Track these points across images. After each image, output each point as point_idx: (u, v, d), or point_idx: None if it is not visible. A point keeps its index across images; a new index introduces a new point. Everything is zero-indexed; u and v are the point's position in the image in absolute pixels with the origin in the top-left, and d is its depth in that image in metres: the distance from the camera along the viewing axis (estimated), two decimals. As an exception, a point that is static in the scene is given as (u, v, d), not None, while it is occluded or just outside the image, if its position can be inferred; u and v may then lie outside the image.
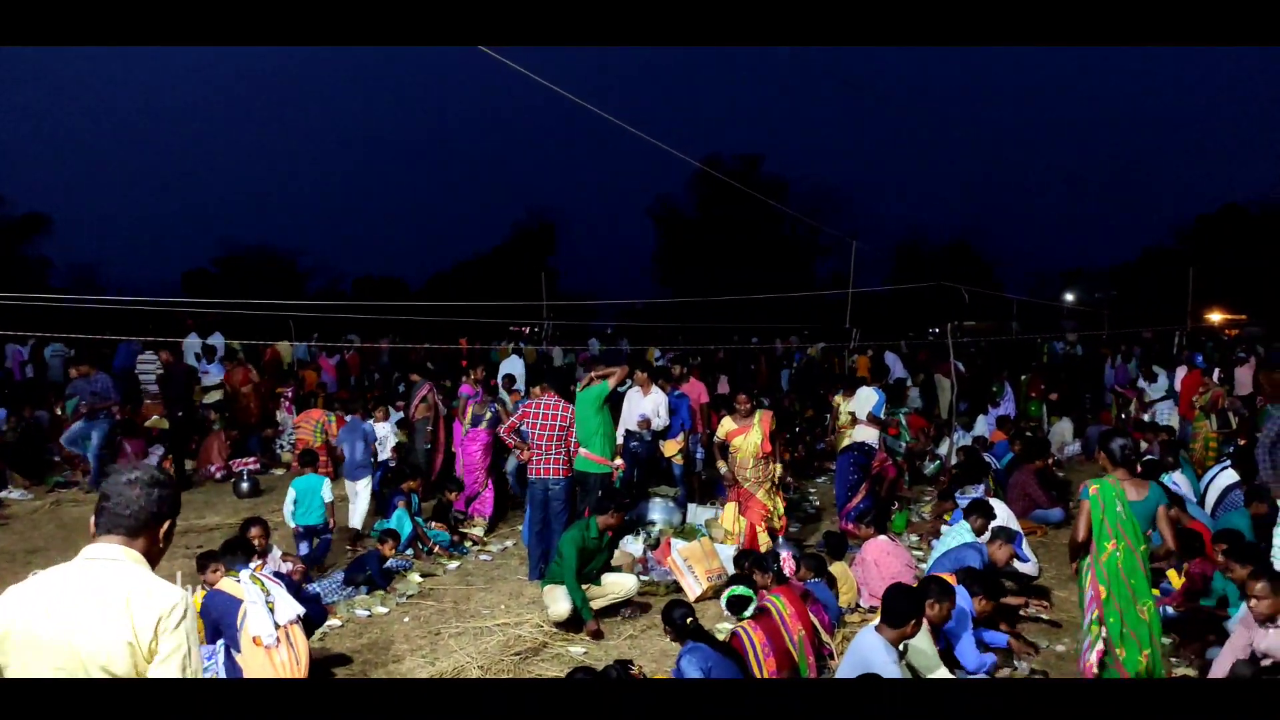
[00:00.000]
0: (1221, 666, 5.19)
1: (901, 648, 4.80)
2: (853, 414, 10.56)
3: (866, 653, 4.63)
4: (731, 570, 7.13)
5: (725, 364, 19.44)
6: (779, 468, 7.97)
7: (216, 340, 14.81)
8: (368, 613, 6.88)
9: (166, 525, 2.54)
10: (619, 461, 8.15)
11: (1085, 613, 5.10)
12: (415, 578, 7.69)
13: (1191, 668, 5.82)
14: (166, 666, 2.33)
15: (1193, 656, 5.97)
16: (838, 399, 11.36)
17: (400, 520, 8.30)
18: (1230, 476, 8.71)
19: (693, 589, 7.16)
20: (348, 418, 9.71)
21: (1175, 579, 6.92)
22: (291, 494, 8.06)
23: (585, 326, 26.63)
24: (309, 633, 5.38)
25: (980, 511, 7.19)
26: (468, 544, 8.81)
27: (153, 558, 2.50)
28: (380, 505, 9.14)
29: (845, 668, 4.73)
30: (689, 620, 5.11)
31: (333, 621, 6.60)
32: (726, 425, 8.01)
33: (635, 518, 8.88)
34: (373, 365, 19.49)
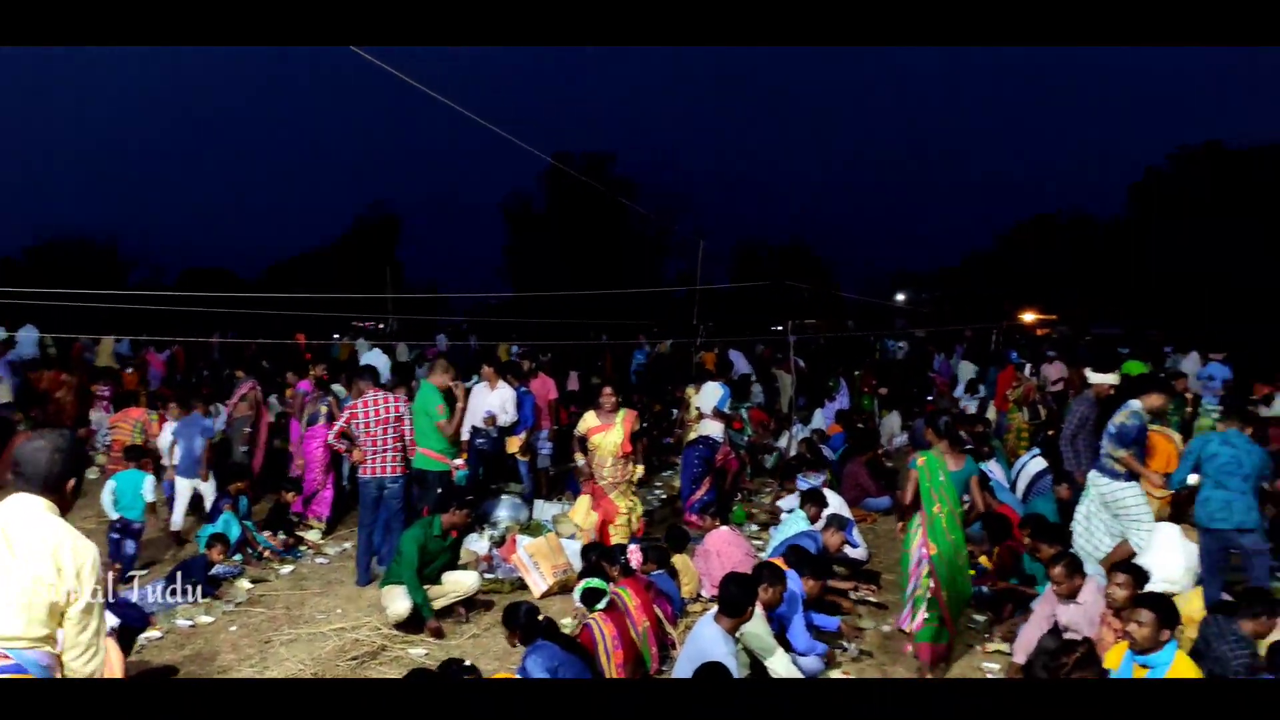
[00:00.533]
0: (1027, 639, 5.61)
1: (738, 634, 4.92)
2: (700, 408, 10.78)
3: (705, 643, 4.72)
4: (578, 565, 7.13)
5: (576, 360, 19.44)
6: (640, 469, 7.83)
7: (28, 334, 13.56)
8: (190, 622, 6.47)
9: (72, 482, 3.04)
10: (459, 461, 7.82)
11: (912, 571, 5.81)
12: (244, 584, 7.29)
13: (1005, 642, 6.24)
14: (86, 610, 2.86)
15: (1005, 631, 6.40)
16: (689, 391, 11.57)
17: (227, 524, 7.85)
18: (1039, 464, 9.40)
19: (538, 585, 7.12)
20: (189, 413, 9.15)
21: (986, 561, 7.41)
22: (111, 485, 7.51)
23: (432, 321, 26.02)
24: (125, 645, 5.00)
25: (814, 500, 7.51)
26: (302, 547, 8.44)
27: (64, 508, 3.00)
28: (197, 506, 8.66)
29: (684, 658, 4.81)
30: (538, 617, 5.06)
31: (152, 633, 6.16)
32: (588, 421, 7.75)
33: (480, 515, 8.75)
34: (202, 361, 18.39)
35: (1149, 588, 6.45)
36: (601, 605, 5.52)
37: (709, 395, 10.39)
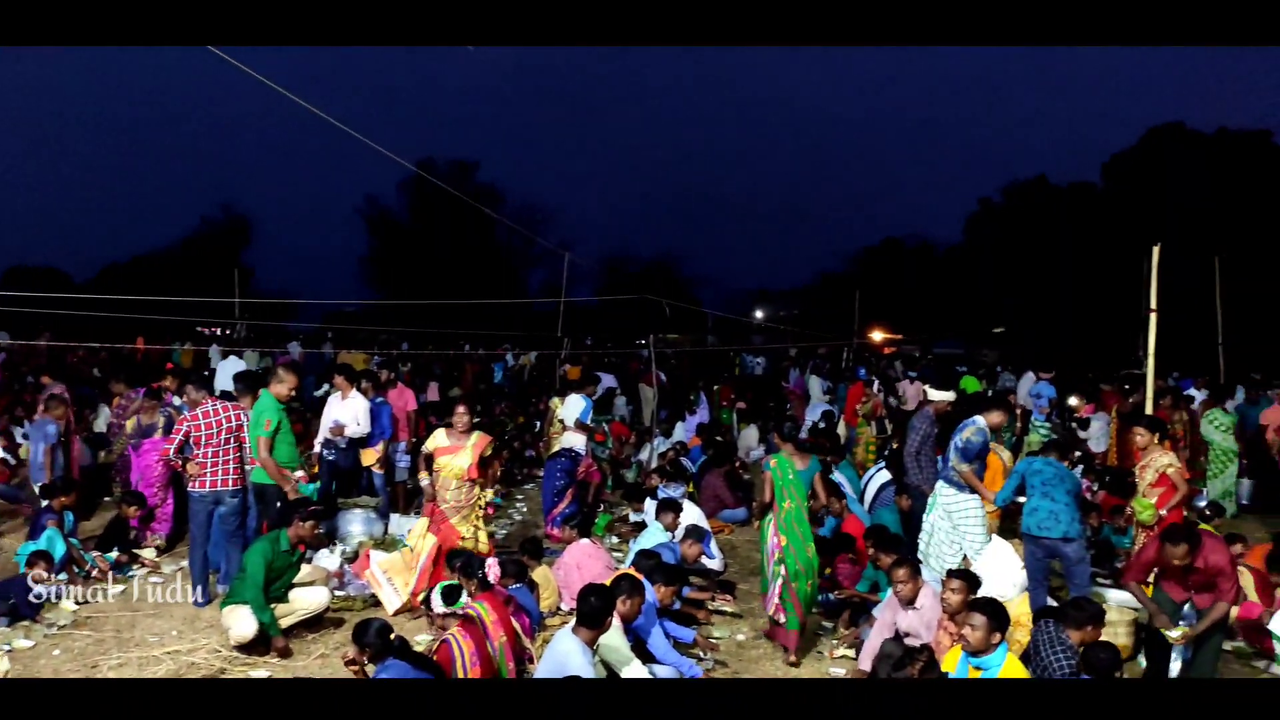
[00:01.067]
0: (871, 645, 5.88)
1: (595, 646, 4.92)
2: (563, 420, 10.76)
3: (563, 657, 4.70)
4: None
5: (436, 370, 19.05)
6: (489, 494, 7.49)
7: None
8: (8, 647, 5.95)
9: None
10: (299, 474, 7.21)
11: (768, 559, 6.47)
12: (69, 605, 6.76)
13: (850, 648, 6.49)
14: None
15: (850, 637, 6.66)
16: (555, 402, 11.53)
17: (51, 541, 7.26)
18: (884, 476, 9.86)
19: (392, 602, 6.92)
20: (35, 418, 8.49)
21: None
22: None
23: (283, 328, 24.98)
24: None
25: (670, 509, 7.62)
26: (136, 566, 7.90)
27: None
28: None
29: (542, 671, 4.78)
30: (390, 635, 4.91)
31: (-43, 662, 5.63)
32: (437, 439, 7.39)
33: (332, 529, 8.43)
34: (25, 368, 16.96)
35: (992, 590, 6.93)
36: (462, 600, 5.41)
37: (572, 407, 10.40)
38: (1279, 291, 29.23)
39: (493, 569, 6.27)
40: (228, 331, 22.91)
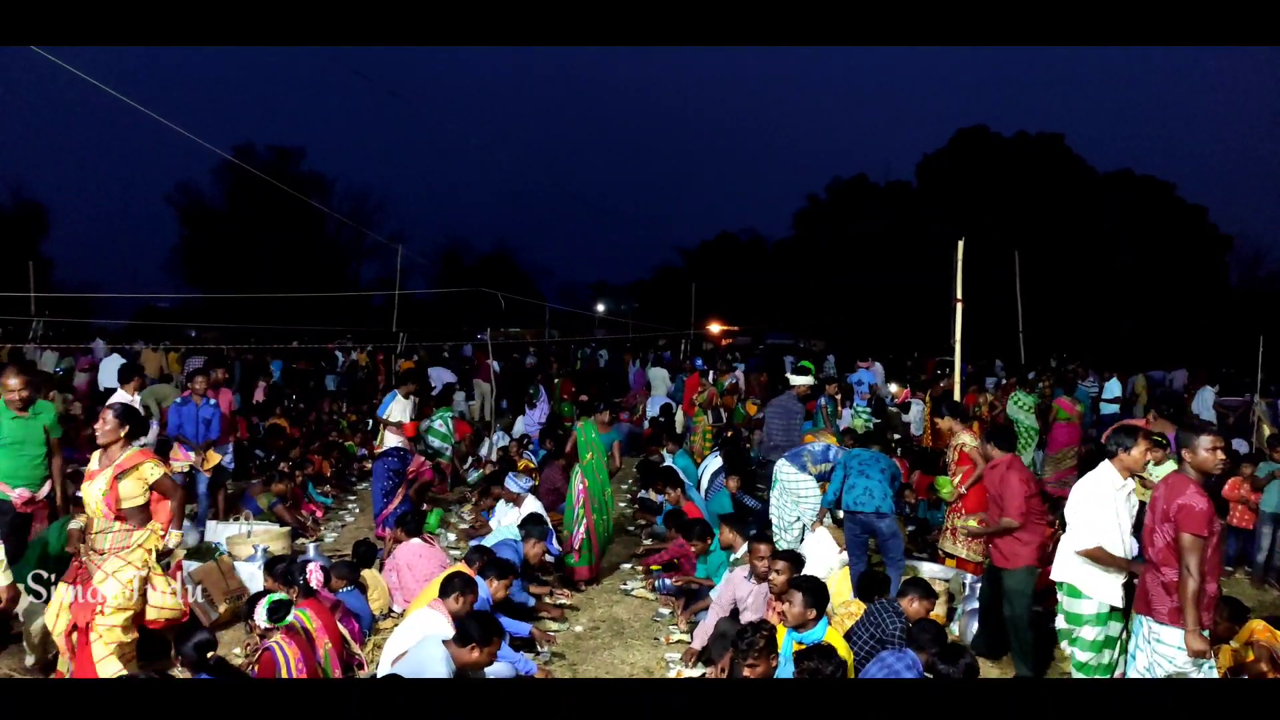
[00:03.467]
0: (707, 625, 6.03)
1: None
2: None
3: (423, 663, 4.53)
4: (256, 588, 6.60)
5: (264, 369, 18.09)
6: (167, 538, 5.29)
7: None
8: None
9: None
10: (19, 492, 5.99)
11: (573, 505, 7.72)
12: None
13: (685, 632, 6.62)
14: None
15: (684, 622, 6.81)
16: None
17: None
18: (719, 463, 10.15)
19: (208, 614, 6.51)
20: None
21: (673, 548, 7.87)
22: None
23: (86, 325, 23.02)
24: None
25: (536, 529, 7.52)
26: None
27: None
28: None
29: (398, 667, 4.60)
30: (209, 654, 4.62)
31: None
32: (92, 461, 5.33)
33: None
34: None
35: (811, 573, 7.26)
36: (290, 617, 5.15)
37: (394, 408, 10.08)
38: (1071, 282, 32.11)
39: (314, 574, 5.99)
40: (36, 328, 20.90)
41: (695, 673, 5.82)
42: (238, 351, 18.27)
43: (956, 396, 9.93)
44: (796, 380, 9.76)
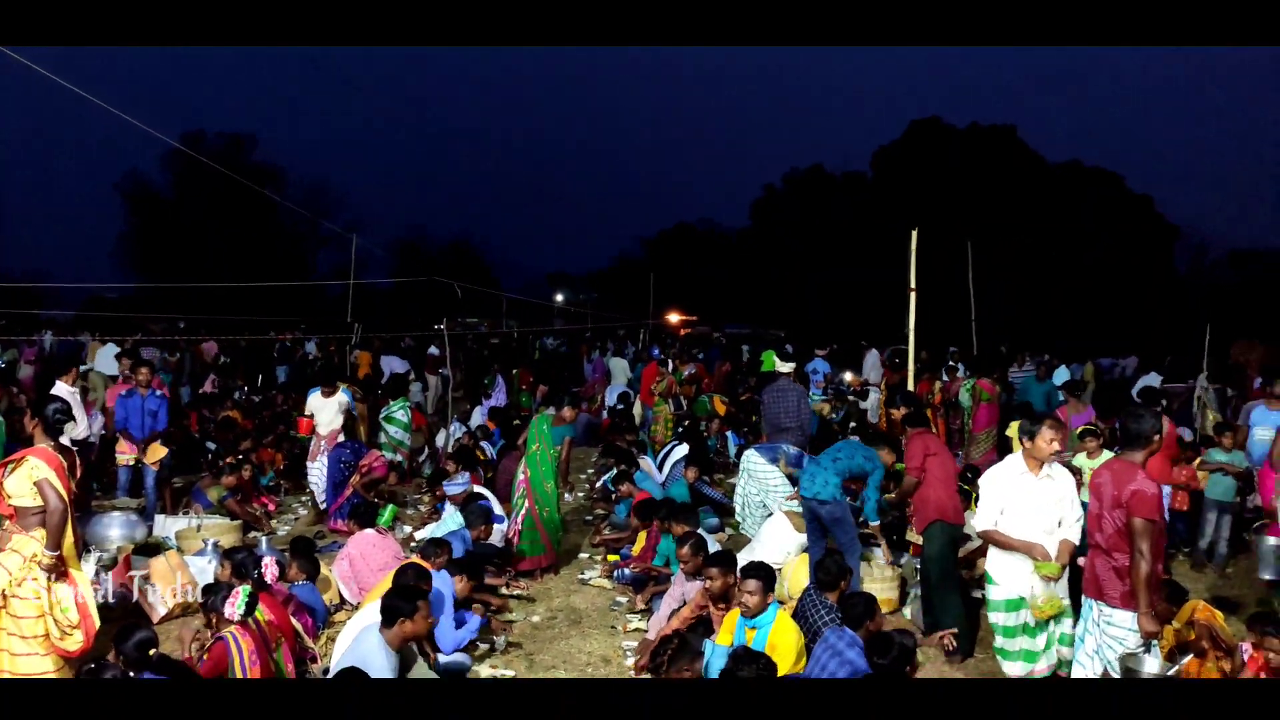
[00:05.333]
0: (660, 616, 6.05)
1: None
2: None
3: (364, 653, 4.49)
4: (207, 581, 6.47)
5: (214, 362, 17.76)
6: (43, 558, 4.80)
7: None
8: None
9: None
10: None
11: (515, 492, 7.78)
12: None
13: (644, 619, 6.64)
14: None
15: (639, 603, 6.84)
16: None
17: None
18: (681, 450, 10.18)
19: (156, 610, 6.39)
20: None
21: (640, 542, 7.88)
22: None
23: (34, 316, 22.41)
24: None
25: (481, 517, 7.46)
26: None
27: None
28: None
29: (337, 666, 4.55)
30: (150, 651, 4.51)
31: None
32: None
33: (85, 535, 7.67)
34: None
35: (768, 558, 7.32)
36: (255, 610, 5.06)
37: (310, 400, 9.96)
38: (1023, 272, 32.64)
39: (269, 568, 5.92)
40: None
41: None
42: (188, 343, 17.91)
43: (910, 386, 10.07)
44: (785, 367, 10.10)
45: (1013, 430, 10.59)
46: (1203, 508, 8.16)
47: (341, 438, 9.63)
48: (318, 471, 9.44)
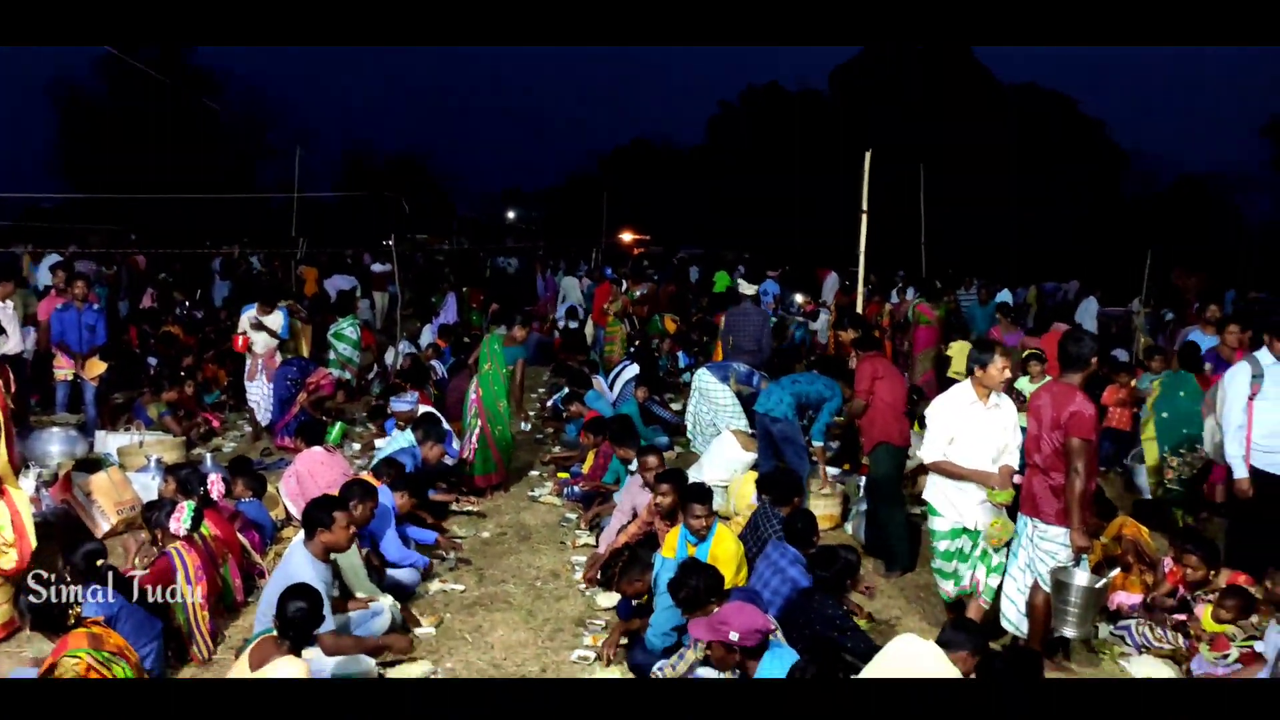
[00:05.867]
0: (610, 530, 6.14)
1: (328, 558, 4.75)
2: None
3: (292, 569, 4.51)
4: (150, 498, 6.41)
5: (152, 276, 17.23)
6: None
7: None
8: None
9: None
10: None
11: (468, 412, 7.82)
12: None
13: (593, 535, 6.74)
14: None
15: (588, 519, 6.93)
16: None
17: None
18: (632, 370, 10.21)
19: (99, 525, 6.32)
20: None
21: (590, 460, 7.95)
22: None
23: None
24: None
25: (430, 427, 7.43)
26: None
27: None
28: None
29: (272, 583, 4.57)
30: (99, 562, 4.47)
31: None
32: None
33: (24, 452, 7.51)
34: None
35: (716, 475, 7.47)
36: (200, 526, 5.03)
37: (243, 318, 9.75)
38: (974, 194, 32.82)
39: (215, 485, 5.88)
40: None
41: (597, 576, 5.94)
42: (123, 256, 17.35)
43: (859, 308, 10.16)
44: (747, 289, 10.40)
45: (954, 350, 10.95)
46: (1136, 429, 8.42)
47: (279, 357, 9.43)
48: (257, 390, 9.29)
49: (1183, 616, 5.10)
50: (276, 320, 9.31)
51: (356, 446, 9.15)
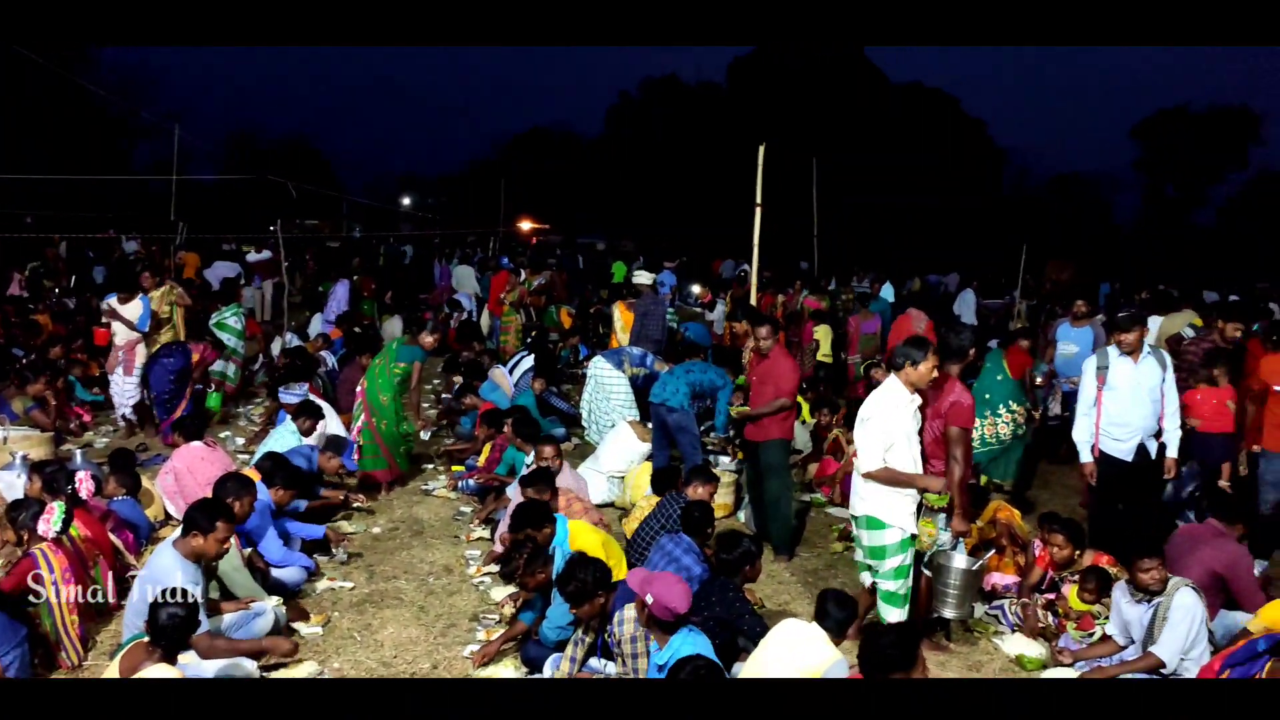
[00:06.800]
0: (506, 523, 6.09)
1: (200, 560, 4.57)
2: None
3: (159, 573, 4.31)
4: (16, 494, 6.02)
5: (17, 258, 16.18)
6: None
7: None
8: None
9: None
10: None
11: (357, 419, 7.51)
12: None
13: (487, 529, 6.68)
14: None
15: (485, 516, 6.87)
16: (162, 291, 10.28)
17: None
18: (529, 361, 10.13)
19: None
20: None
21: (486, 454, 7.86)
22: None
23: None
24: None
25: (308, 413, 7.20)
26: None
27: None
28: None
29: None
30: None
31: None
32: None
33: None
34: None
35: (612, 466, 7.52)
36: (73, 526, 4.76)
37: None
38: (863, 189, 33.82)
39: (84, 483, 5.57)
40: None
41: (493, 568, 5.91)
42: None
43: (753, 300, 10.34)
44: (641, 279, 10.50)
45: (820, 333, 11.34)
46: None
47: (142, 351, 8.92)
48: (118, 384, 8.81)
49: (1052, 596, 5.40)
50: (134, 310, 8.77)
51: (240, 440, 8.81)
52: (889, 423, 4.70)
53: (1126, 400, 5.83)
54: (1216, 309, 9.04)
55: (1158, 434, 5.90)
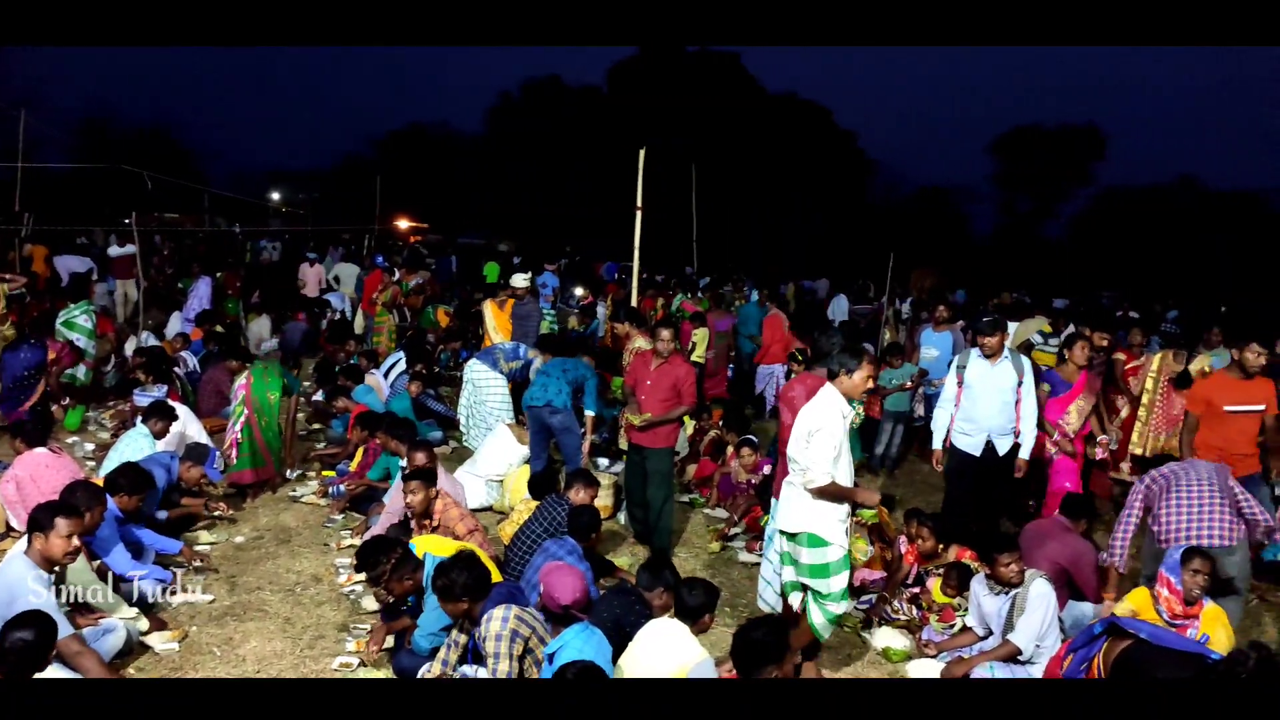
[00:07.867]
0: (380, 529, 5.93)
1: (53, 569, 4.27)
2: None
3: (12, 580, 4.02)
4: None
5: None
6: None
7: None
8: None
9: None
10: None
11: (234, 400, 7.42)
12: None
13: (356, 536, 6.47)
14: None
15: (360, 528, 6.66)
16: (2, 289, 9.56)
17: None
18: (403, 364, 9.91)
19: None
20: None
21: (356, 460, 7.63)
22: None
23: None
24: None
25: (161, 414, 6.83)
26: None
27: None
28: None
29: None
30: None
31: None
32: None
33: None
34: None
35: (490, 470, 7.44)
36: None
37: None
38: (740, 195, 34.56)
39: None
40: None
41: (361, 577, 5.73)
42: None
43: (634, 302, 10.41)
44: (517, 281, 10.54)
45: (698, 336, 11.57)
46: (881, 418, 9.19)
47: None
48: None
49: (917, 590, 5.63)
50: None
51: (90, 446, 8.27)
52: (837, 435, 4.52)
53: (978, 399, 6.17)
54: (1086, 319, 9.64)
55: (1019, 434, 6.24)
